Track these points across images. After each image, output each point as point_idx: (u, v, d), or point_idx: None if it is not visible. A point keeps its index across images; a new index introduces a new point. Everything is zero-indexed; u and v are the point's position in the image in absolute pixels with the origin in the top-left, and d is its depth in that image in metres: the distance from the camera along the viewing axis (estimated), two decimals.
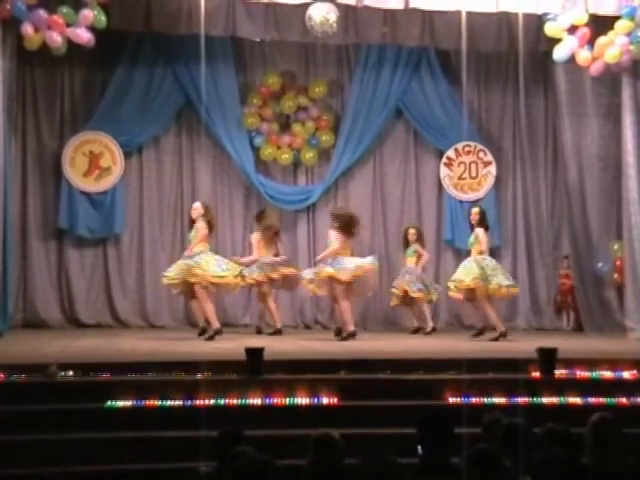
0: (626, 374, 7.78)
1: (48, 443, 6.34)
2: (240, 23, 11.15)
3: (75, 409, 6.77)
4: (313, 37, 10.83)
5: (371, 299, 11.78)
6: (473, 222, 10.63)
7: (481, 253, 10.47)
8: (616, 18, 10.49)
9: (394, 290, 11.42)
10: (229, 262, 10.29)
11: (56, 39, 10.07)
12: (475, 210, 10.79)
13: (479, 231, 10.51)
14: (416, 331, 11.40)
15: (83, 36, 10.20)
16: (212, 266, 9.98)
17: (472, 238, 10.59)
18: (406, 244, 11.55)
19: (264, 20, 11.17)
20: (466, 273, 10.42)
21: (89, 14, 10.09)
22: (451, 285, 10.61)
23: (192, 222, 10.34)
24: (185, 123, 12.47)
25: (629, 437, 4.78)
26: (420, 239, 11.54)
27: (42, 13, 9.92)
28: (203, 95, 11.55)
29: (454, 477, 4.17)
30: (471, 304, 10.81)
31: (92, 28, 10.24)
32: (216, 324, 10.01)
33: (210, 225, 10.25)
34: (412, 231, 11.55)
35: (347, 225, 10.30)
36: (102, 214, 12.02)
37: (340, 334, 10.25)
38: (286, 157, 12.47)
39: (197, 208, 10.34)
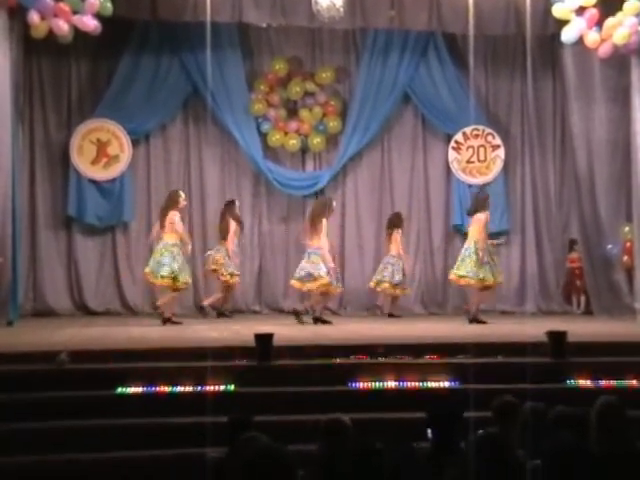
0: (636, 357, 7.75)
1: (58, 431, 6.35)
2: (246, 9, 11.12)
3: (85, 396, 6.79)
4: (320, 22, 10.80)
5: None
6: None
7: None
8: None
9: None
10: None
11: (62, 27, 10.06)
12: None
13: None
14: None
15: (89, 24, 10.19)
16: None
17: None
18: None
19: (270, 6, 11.14)
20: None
21: (95, 2, 10.08)
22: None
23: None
24: (192, 110, 12.46)
25: (638, 420, 4.78)
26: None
27: (48, 1, 9.91)
28: (210, 82, 11.53)
29: (464, 461, 4.18)
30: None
31: (98, 16, 10.24)
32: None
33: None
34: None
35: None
36: (111, 202, 12.03)
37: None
38: (294, 143, 12.45)
39: None
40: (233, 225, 11.32)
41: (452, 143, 12.54)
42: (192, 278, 12.18)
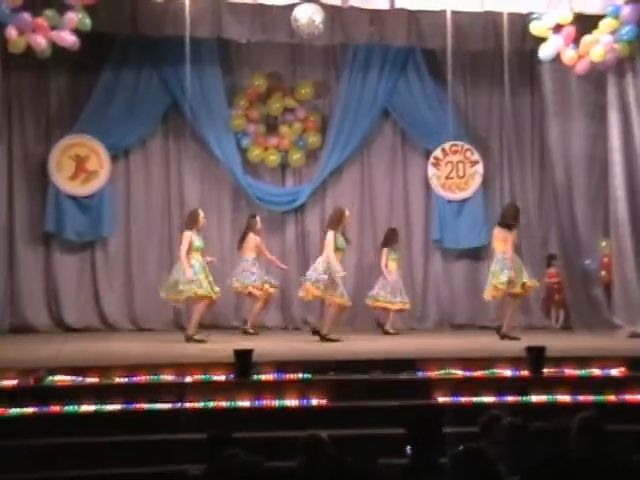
0: (614, 371, 7.81)
1: (36, 448, 6.31)
2: (226, 25, 11.13)
3: (63, 413, 6.74)
4: (299, 38, 10.83)
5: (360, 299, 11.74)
6: None
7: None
8: (601, 17, 10.52)
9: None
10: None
11: (41, 42, 10.03)
12: None
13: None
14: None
15: (68, 39, 10.16)
16: None
17: None
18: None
19: (250, 21, 11.16)
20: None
21: (74, 17, 10.05)
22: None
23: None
24: (172, 126, 12.43)
25: (618, 434, 4.81)
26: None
27: (26, 16, 9.88)
28: (189, 97, 11.52)
29: (443, 477, 4.18)
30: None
31: (77, 31, 10.20)
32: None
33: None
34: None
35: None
36: (89, 217, 11.98)
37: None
38: (273, 158, 12.46)
39: None
40: (251, 239, 11.32)
41: (431, 159, 12.58)
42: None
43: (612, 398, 7.31)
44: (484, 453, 3.99)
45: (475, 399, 7.17)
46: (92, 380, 7.30)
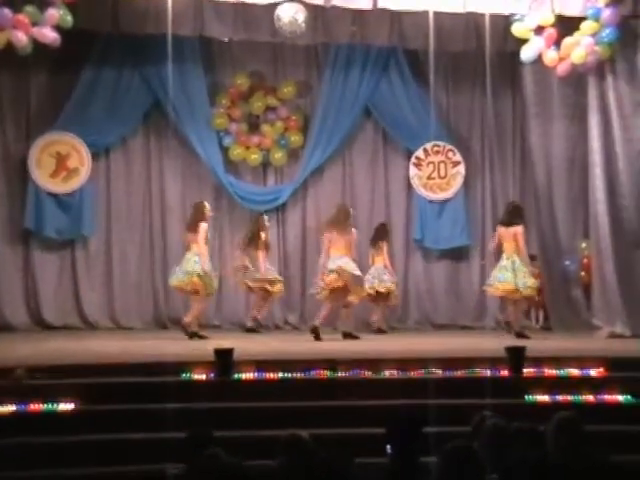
0: (593, 372, 7.85)
1: (15, 447, 6.27)
2: (208, 23, 11.11)
3: (43, 411, 6.71)
4: (282, 37, 10.82)
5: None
6: None
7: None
8: (582, 19, 10.57)
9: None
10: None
11: (21, 38, 9.96)
12: None
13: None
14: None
15: (49, 35, 10.10)
16: None
17: None
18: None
19: (232, 20, 11.14)
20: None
21: (55, 13, 9.99)
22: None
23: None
24: (153, 124, 12.40)
25: (596, 434, 4.83)
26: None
27: (7, 12, 9.81)
28: (171, 96, 11.48)
29: (423, 476, 4.19)
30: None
31: (58, 28, 10.14)
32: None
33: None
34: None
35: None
36: (70, 215, 11.93)
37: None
38: (255, 157, 12.45)
39: None
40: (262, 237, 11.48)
41: (413, 159, 12.61)
42: (154, 290, 12.18)
43: (590, 398, 7.35)
44: (474, 452, 4.01)
45: (455, 399, 7.18)
46: (71, 379, 7.27)
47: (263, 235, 11.50)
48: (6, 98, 11.90)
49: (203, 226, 10.57)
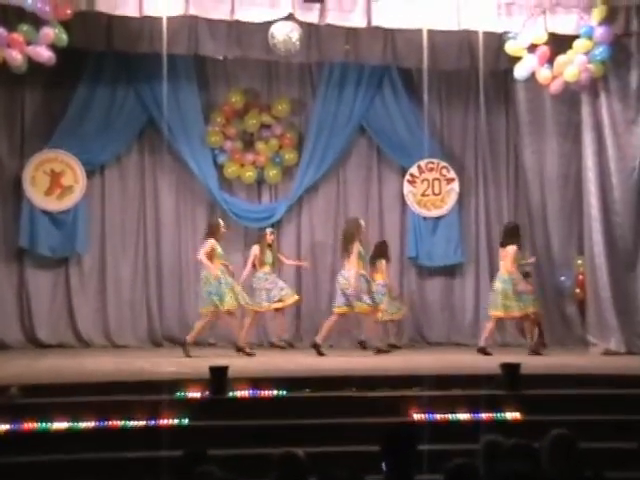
0: (587, 389, 7.84)
1: (9, 466, 6.24)
2: (203, 41, 11.14)
3: (36, 430, 6.68)
4: (276, 55, 10.86)
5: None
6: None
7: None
8: (575, 37, 10.63)
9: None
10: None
11: (16, 57, 9.97)
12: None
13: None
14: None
15: (44, 54, 10.12)
16: None
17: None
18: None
19: (227, 38, 11.17)
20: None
21: (50, 32, 10.01)
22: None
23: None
24: (148, 142, 12.41)
25: (589, 451, 4.83)
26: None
27: (2, 31, 9.82)
28: (165, 113, 11.50)
29: None
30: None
31: (53, 46, 10.17)
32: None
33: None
34: None
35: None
36: (64, 233, 11.91)
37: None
38: (250, 175, 12.47)
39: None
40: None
41: (407, 176, 12.64)
42: (148, 308, 12.17)
43: (585, 416, 7.34)
44: (477, 470, 4.01)
45: (450, 416, 7.18)
46: (65, 397, 7.25)
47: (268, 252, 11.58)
48: (0, 115, 11.90)
49: (210, 242, 10.79)
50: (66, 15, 9.95)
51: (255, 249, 11.54)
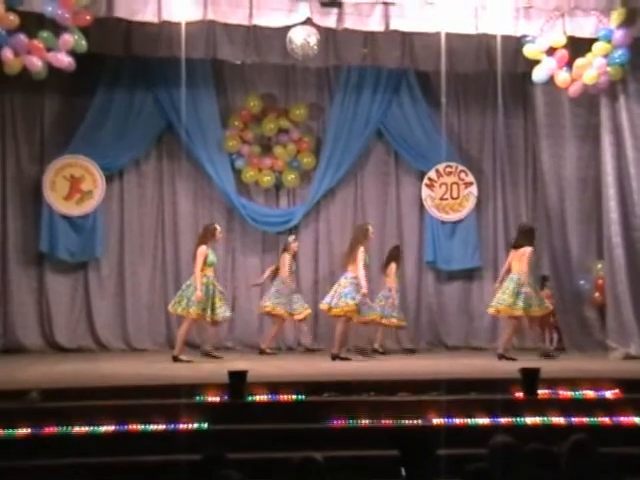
0: (608, 393, 7.80)
1: (27, 469, 6.27)
2: (220, 46, 11.16)
3: (56, 434, 6.71)
4: (293, 60, 10.87)
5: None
6: None
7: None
8: (593, 40, 10.59)
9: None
10: None
11: (36, 64, 10.04)
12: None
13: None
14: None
15: (63, 60, 10.18)
16: None
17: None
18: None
19: (244, 43, 11.19)
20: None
21: (69, 38, 10.07)
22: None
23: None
24: (166, 146, 12.47)
25: (610, 456, 4.80)
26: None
27: (22, 38, 9.89)
28: (183, 118, 11.55)
29: None
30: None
31: (72, 52, 10.22)
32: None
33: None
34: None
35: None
36: (83, 238, 11.98)
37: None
38: (267, 179, 12.49)
39: None
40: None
41: (425, 180, 12.63)
42: (166, 312, 12.18)
43: (606, 420, 7.30)
44: (493, 474, 4.00)
45: (469, 420, 7.15)
46: (84, 401, 7.28)
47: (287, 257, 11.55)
48: (20, 121, 12.00)
49: (200, 249, 10.36)
50: (85, 21, 10.01)
51: (287, 258, 11.48)
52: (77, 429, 6.77)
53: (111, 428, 6.82)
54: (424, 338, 12.57)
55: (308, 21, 10.36)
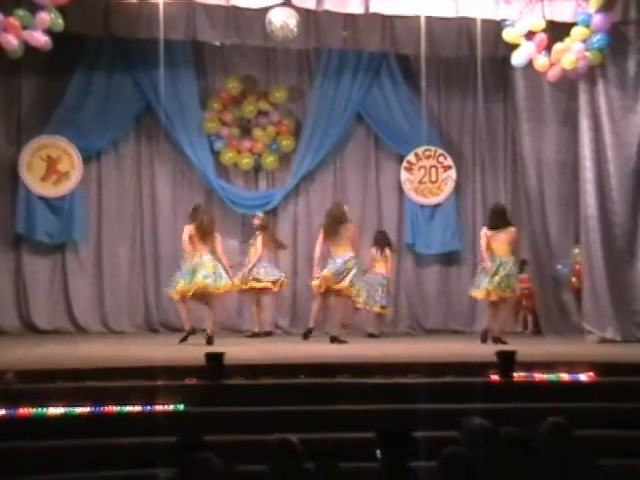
0: (583, 377, 7.86)
1: (5, 451, 6.25)
2: (200, 27, 11.11)
3: (32, 416, 6.69)
4: (274, 42, 10.83)
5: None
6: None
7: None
8: (572, 25, 10.61)
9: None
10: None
11: (12, 42, 9.94)
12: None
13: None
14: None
15: (40, 39, 10.08)
16: None
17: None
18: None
19: (224, 24, 11.14)
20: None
21: (46, 17, 9.97)
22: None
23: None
24: (145, 128, 12.39)
25: (585, 438, 4.83)
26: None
27: None
28: (163, 100, 11.48)
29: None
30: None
31: (49, 31, 10.13)
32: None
33: None
34: None
35: None
36: (61, 219, 11.91)
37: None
38: (247, 162, 12.46)
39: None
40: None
41: (404, 163, 12.64)
42: (145, 294, 12.15)
43: (581, 403, 7.35)
44: (468, 458, 4.02)
45: (445, 403, 7.18)
46: (61, 383, 7.25)
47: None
48: None
49: (184, 228, 10.35)
50: (63, 0, 9.91)
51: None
52: (52, 411, 6.74)
53: (87, 410, 6.79)
54: (403, 321, 12.61)
55: (288, 3, 10.31)
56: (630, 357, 8.82)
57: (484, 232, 10.59)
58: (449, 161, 12.63)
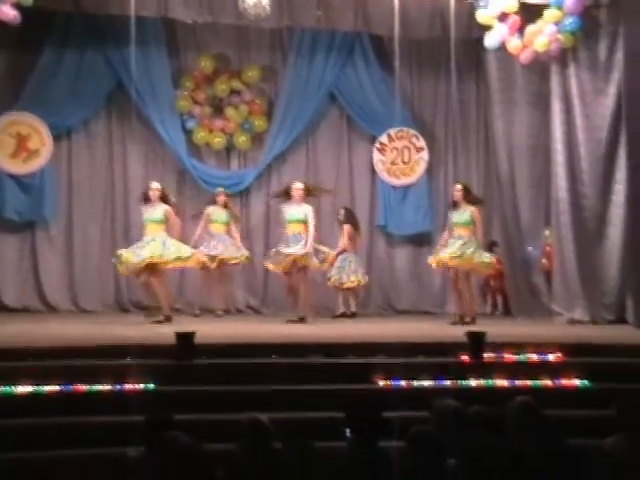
0: (551, 357, 7.94)
1: None
2: (172, 5, 11.04)
3: (1, 394, 6.65)
4: (246, 20, 10.76)
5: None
6: (457, 199, 10.60)
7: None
8: (545, 6, 10.63)
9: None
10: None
11: None
12: (458, 187, 10.74)
13: (474, 209, 10.53)
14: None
15: (8, 13, 9.94)
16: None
17: (467, 216, 10.50)
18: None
19: (197, 2, 11.07)
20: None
21: None
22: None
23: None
24: (116, 106, 12.28)
25: (553, 418, 4.89)
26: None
27: None
28: (134, 78, 11.37)
29: (382, 460, 4.22)
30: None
31: (18, 6, 9.99)
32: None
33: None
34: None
35: None
36: (31, 197, 11.80)
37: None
38: (219, 141, 12.40)
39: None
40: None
41: (377, 144, 12.63)
42: (115, 273, 12.07)
43: (548, 383, 7.44)
44: (436, 437, 4.05)
45: (415, 383, 7.23)
46: (30, 361, 7.22)
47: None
48: None
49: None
50: None
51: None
52: (21, 389, 6.71)
53: (56, 388, 6.77)
54: (374, 302, 12.64)
55: None
56: (598, 338, 8.92)
57: None
58: (422, 142, 12.64)
